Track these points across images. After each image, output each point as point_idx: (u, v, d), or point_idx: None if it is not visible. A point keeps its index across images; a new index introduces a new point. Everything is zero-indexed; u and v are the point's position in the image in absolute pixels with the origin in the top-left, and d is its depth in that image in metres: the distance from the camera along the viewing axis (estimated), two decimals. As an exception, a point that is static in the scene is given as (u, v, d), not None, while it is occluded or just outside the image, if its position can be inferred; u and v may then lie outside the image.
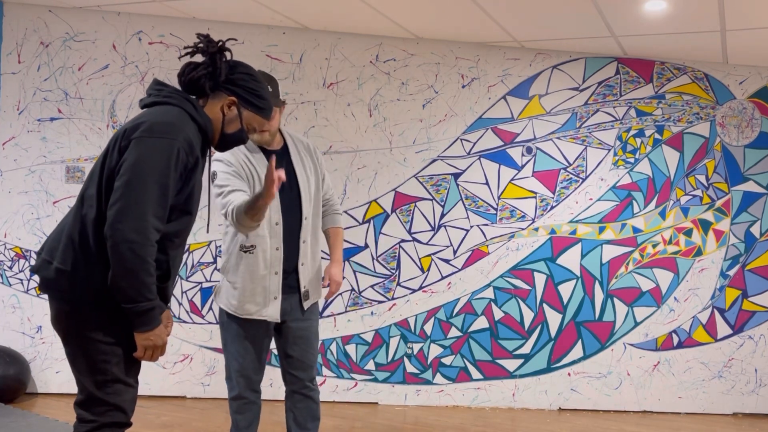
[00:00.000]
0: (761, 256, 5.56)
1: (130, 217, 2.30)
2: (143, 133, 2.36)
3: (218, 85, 2.53)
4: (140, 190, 2.31)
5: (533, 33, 5.18)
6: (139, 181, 2.32)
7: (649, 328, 5.54)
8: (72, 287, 2.41)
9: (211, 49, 2.53)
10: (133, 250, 2.29)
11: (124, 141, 2.38)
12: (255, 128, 2.67)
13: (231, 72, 2.55)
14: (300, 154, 3.33)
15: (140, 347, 2.42)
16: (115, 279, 2.33)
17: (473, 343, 5.46)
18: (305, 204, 3.26)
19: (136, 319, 2.37)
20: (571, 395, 5.52)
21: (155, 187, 2.33)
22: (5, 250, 5.18)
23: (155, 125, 2.37)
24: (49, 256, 2.46)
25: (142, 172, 2.32)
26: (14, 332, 5.17)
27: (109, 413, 2.45)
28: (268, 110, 2.65)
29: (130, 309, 2.36)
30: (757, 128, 5.57)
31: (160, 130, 2.36)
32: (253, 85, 2.58)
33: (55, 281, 2.43)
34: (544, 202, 5.51)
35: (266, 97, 2.63)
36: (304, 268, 3.28)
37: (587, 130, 5.54)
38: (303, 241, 3.26)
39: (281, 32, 5.34)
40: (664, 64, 5.56)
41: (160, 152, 2.34)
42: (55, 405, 4.93)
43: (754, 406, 5.56)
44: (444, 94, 5.48)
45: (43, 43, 5.21)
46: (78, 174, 5.22)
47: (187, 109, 2.47)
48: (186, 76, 2.54)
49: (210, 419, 4.79)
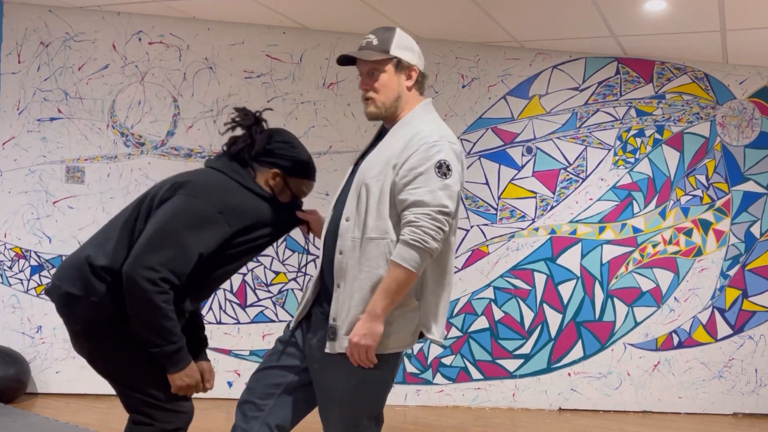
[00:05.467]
0: (761, 256, 5.56)
1: (146, 265, 2.33)
2: (186, 191, 2.43)
3: (257, 157, 2.56)
4: (164, 241, 2.35)
5: (533, 33, 5.18)
6: (165, 233, 2.37)
7: (649, 328, 5.54)
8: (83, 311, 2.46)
9: (246, 122, 2.59)
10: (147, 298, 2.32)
11: (169, 192, 2.46)
12: (305, 192, 2.69)
13: (268, 143, 2.58)
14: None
15: (174, 387, 2.47)
16: (135, 325, 2.38)
17: (473, 343, 5.45)
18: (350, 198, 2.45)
19: (165, 361, 2.42)
20: (571, 395, 5.52)
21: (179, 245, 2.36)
22: (5, 250, 5.18)
23: (198, 187, 2.44)
24: (58, 281, 2.52)
25: (172, 227, 2.37)
26: (14, 332, 5.17)
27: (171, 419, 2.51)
28: (313, 172, 2.66)
29: (157, 353, 2.40)
30: (757, 128, 5.57)
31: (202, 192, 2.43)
32: (292, 153, 2.60)
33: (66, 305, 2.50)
34: (544, 202, 5.51)
35: (307, 160, 2.63)
36: (339, 293, 2.39)
37: (587, 130, 5.54)
38: (339, 252, 2.40)
39: (281, 32, 5.34)
40: (664, 64, 5.56)
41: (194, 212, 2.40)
42: (55, 405, 4.93)
43: (754, 406, 5.56)
44: (444, 94, 5.48)
45: (43, 43, 5.21)
46: (78, 174, 5.22)
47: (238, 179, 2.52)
48: (229, 150, 2.60)
49: (210, 419, 4.79)
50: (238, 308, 5.32)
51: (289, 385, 2.53)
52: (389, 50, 2.45)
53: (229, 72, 5.33)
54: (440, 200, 2.29)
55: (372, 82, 2.45)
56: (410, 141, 2.36)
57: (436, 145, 2.33)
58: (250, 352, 5.32)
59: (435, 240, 2.28)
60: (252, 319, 5.33)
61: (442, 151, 2.32)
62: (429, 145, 2.33)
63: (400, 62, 2.48)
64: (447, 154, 2.32)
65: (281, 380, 2.53)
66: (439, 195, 2.28)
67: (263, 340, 5.31)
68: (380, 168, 2.37)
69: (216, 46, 5.31)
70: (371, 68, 2.45)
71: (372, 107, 2.47)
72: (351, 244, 2.37)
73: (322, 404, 2.49)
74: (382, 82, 2.45)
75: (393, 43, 2.46)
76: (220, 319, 5.31)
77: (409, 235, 2.26)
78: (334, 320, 2.38)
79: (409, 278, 2.28)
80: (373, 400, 2.45)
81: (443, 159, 2.31)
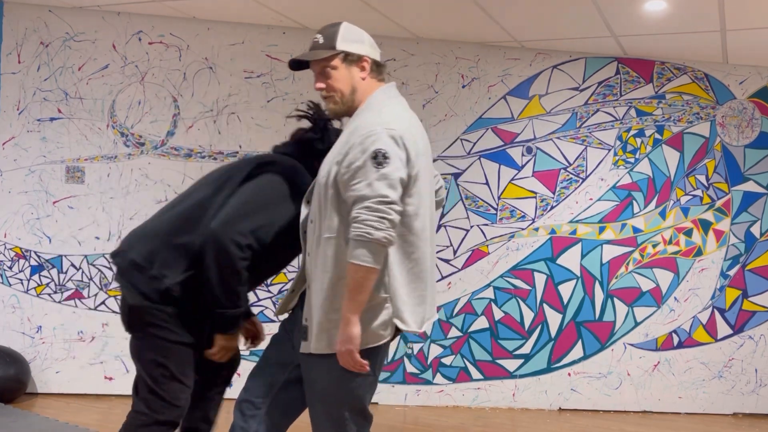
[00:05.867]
0: (761, 256, 5.56)
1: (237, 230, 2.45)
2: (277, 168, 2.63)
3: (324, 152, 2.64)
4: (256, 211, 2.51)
5: (533, 33, 5.18)
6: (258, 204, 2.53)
7: (649, 328, 5.54)
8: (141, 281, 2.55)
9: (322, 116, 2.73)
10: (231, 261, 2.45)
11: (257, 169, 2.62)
12: None
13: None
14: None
15: (219, 347, 2.60)
16: (211, 286, 2.48)
17: (473, 343, 5.45)
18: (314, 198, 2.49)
19: (224, 322, 2.56)
20: (571, 395, 5.52)
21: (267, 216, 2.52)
22: (5, 250, 5.18)
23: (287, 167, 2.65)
24: (127, 246, 2.63)
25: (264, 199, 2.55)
26: (14, 332, 5.17)
27: (164, 410, 2.59)
28: None
29: (221, 314, 2.53)
30: (757, 128, 5.57)
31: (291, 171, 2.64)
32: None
33: (127, 271, 2.58)
34: (544, 202, 5.51)
35: None
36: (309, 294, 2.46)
37: (587, 130, 5.54)
38: (308, 253, 2.48)
39: (281, 32, 5.34)
40: (664, 64, 5.56)
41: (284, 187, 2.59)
42: (55, 405, 4.93)
43: (754, 406, 5.56)
44: (444, 94, 5.48)
45: (43, 43, 5.21)
46: (78, 174, 5.22)
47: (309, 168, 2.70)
48: (296, 137, 2.77)
49: (210, 419, 4.78)
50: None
51: (285, 382, 2.57)
52: (335, 45, 2.49)
53: (229, 72, 5.33)
54: (378, 191, 2.26)
55: (325, 80, 2.49)
56: (351, 135, 2.38)
57: (371, 135, 2.31)
58: (250, 352, 5.30)
59: (378, 230, 2.24)
60: (252, 319, 5.32)
61: (378, 140, 2.30)
62: (364, 137, 2.32)
63: (349, 55, 2.50)
64: (383, 143, 2.30)
65: (277, 378, 2.56)
66: (376, 186, 2.26)
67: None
68: (328, 167, 2.40)
69: (216, 46, 5.31)
70: (322, 67, 2.49)
71: (331, 104, 2.51)
72: (315, 245, 2.42)
73: (308, 399, 2.52)
74: (335, 78, 2.48)
75: (338, 38, 2.50)
76: (220, 319, 5.30)
77: (354, 231, 2.26)
78: (306, 321, 2.44)
79: (366, 274, 2.27)
80: (354, 394, 2.44)
81: (378, 148, 2.28)
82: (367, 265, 2.25)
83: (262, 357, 2.65)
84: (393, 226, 2.28)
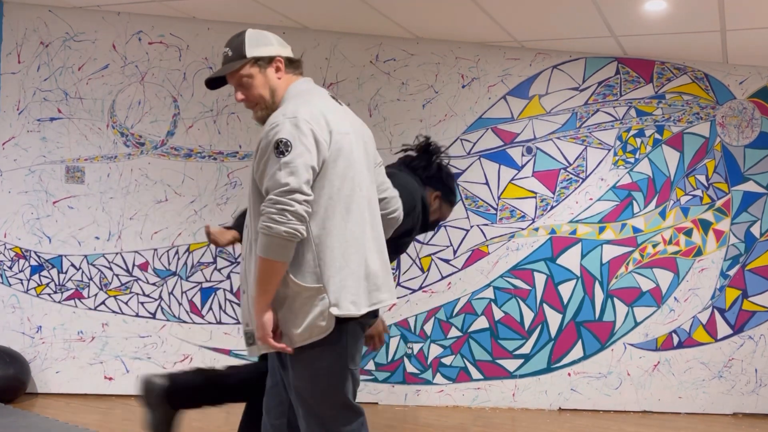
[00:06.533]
0: (761, 256, 5.56)
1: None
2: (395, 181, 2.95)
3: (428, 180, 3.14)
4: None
5: (533, 33, 5.18)
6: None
7: (649, 328, 5.54)
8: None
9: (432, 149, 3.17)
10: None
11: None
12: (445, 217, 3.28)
13: (439, 170, 3.16)
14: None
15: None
16: None
17: (473, 343, 5.45)
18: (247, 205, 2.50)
19: None
20: (571, 395, 5.52)
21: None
22: (5, 250, 5.18)
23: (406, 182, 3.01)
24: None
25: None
26: (14, 332, 5.17)
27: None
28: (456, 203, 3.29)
29: None
30: (757, 128, 5.57)
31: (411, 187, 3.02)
32: (451, 184, 3.20)
33: None
34: (544, 202, 5.51)
35: (456, 192, 3.26)
36: (244, 299, 2.46)
37: (587, 130, 5.54)
38: (243, 258, 2.48)
39: (281, 32, 5.34)
40: (664, 64, 5.56)
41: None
42: (55, 405, 4.93)
43: (754, 406, 5.56)
44: (444, 94, 5.48)
45: (43, 43, 5.21)
46: (78, 174, 5.22)
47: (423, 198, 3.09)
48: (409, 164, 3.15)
49: (210, 419, 4.78)
50: (238, 308, 5.32)
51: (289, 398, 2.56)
52: (245, 54, 2.49)
53: (229, 72, 5.32)
54: (279, 180, 2.25)
55: (245, 90, 2.51)
56: (261, 132, 2.38)
57: (274, 127, 2.32)
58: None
59: (278, 223, 2.22)
60: (252, 319, 5.33)
61: (280, 130, 2.30)
62: (268, 131, 2.33)
63: (260, 59, 2.51)
64: (284, 131, 2.29)
65: (283, 396, 2.57)
66: (278, 176, 2.25)
67: (263, 340, 5.31)
68: (251, 166, 2.41)
69: (216, 46, 5.31)
70: (238, 78, 2.50)
71: (258, 112, 2.52)
72: (249, 250, 2.41)
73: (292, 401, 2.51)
74: (254, 85, 2.49)
75: (246, 46, 2.50)
76: (220, 319, 5.31)
77: (259, 224, 2.26)
78: (247, 326, 2.43)
79: (270, 267, 2.26)
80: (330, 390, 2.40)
81: (279, 138, 2.28)
82: (271, 257, 2.25)
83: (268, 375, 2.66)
84: (297, 218, 2.24)
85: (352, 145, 2.43)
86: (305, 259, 2.32)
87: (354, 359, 2.45)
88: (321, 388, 2.40)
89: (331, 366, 2.38)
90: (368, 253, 2.43)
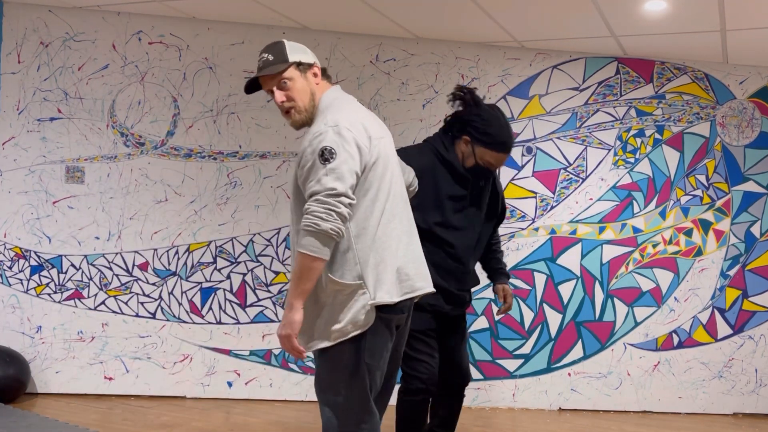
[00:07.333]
0: (761, 256, 5.56)
1: None
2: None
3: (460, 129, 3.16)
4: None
5: (533, 33, 5.18)
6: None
7: (649, 328, 5.54)
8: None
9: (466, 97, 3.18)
10: None
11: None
12: (491, 163, 3.18)
13: (468, 114, 3.14)
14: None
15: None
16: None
17: (473, 343, 5.45)
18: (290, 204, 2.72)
19: None
20: (571, 395, 5.52)
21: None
22: (5, 250, 5.18)
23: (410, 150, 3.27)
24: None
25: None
26: (14, 332, 5.17)
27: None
28: (498, 145, 3.15)
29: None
30: (757, 128, 5.57)
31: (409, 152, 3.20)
32: (480, 124, 3.12)
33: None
34: (544, 202, 5.51)
35: (494, 133, 3.12)
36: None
37: (587, 130, 5.54)
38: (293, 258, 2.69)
39: (281, 32, 5.34)
40: (664, 64, 5.56)
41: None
42: (55, 405, 4.93)
43: (754, 406, 5.56)
44: (444, 94, 5.47)
45: (43, 43, 5.21)
46: (78, 174, 5.22)
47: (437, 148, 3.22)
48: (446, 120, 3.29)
49: (210, 419, 4.79)
50: (238, 308, 5.32)
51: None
52: (287, 58, 2.58)
53: (229, 72, 5.33)
54: (326, 185, 2.38)
55: (286, 93, 2.60)
56: (305, 140, 2.51)
57: (318, 136, 2.45)
58: (250, 352, 5.32)
59: (325, 221, 2.36)
60: (252, 319, 5.33)
61: (324, 139, 2.44)
62: (312, 139, 2.46)
63: (301, 64, 2.61)
64: (328, 140, 2.43)
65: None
66: (324, 181, 2.39)
67: (263, 341, 5.31)
68: (293, 171, 2.56)
69: (216, 46, 5.31)
70: (279, 81, 2.59)
71: (296, 116, 2.62)
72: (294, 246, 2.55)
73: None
74: (294, 89, 2.59)
75: (288, 52, 2.60)
76: (220, 319, 5.31)
77: (303, 222, 2.39)
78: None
79: (311, 263, 2.39)
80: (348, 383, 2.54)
81: (324, 146, 2.41)
82: (313, 254, 2.38)
83: None
84: (342, 219, 2.40)
85: (387, 148, 2.62)
86: (345, 258, 2.47)
87: (373, 355, 2.55)
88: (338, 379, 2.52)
89: (349, 358, 2.50)
90: (401, 246, 2.59)
